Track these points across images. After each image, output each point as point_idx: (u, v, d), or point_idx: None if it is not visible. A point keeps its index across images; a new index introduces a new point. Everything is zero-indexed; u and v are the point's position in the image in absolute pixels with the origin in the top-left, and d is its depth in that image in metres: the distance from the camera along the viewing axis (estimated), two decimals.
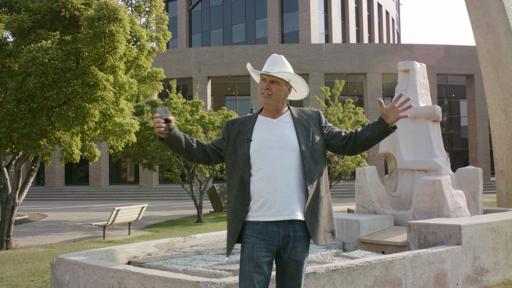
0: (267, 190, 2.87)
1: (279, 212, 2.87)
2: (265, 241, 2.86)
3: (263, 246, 2.86)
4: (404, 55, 33.45)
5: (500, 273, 5.67)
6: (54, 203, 29.32)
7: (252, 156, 2.93)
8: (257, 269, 2.84)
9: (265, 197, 2.88)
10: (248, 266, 2.85)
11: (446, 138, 38.22)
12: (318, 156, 2.96)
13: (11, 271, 7.44)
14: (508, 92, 9.63)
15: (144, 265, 5.18)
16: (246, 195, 2.91)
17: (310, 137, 2.97)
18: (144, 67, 12.05)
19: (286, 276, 2.96)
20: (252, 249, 2.86)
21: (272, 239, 2.87)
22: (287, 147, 2.93)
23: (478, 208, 6.86)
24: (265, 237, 2.86)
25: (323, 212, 2.96)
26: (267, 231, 2.87)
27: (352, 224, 6.29)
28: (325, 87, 19.94)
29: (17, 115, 9.70)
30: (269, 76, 2.97)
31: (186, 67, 34.93)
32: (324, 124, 3.06)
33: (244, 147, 2.96)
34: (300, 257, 2.94)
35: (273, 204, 2.87)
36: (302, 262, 2.96)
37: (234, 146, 3.00)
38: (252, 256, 2.85)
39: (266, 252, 2.87)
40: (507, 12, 9.63)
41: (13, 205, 11.35)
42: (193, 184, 17.77)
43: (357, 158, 18.72)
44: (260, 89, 3.00)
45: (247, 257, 2.87)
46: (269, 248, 2.87)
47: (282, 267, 2.96)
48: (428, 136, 7.22)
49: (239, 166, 2.95)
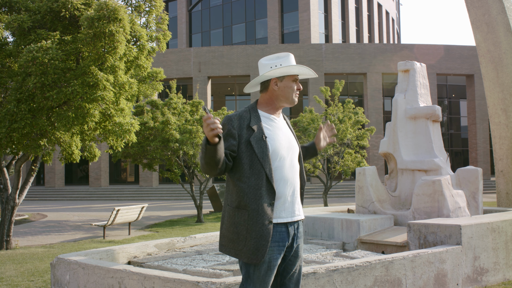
0: (286, 191, 2.88)
1: (293, 213, 2.91)
2: (276, 243, 2.82)
3: (274, 248, 2.82)
4: (404, 55, 33.45)
5: (500, 273, 5.67)
6: (54, 203, 29.32)
7: (277, 153, 2.87)
8: (269, 272, 2.81)
9: (284, 198, 2.87)
10: (263, 269, 2.79)
11: (446, 138, 38.22)
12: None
13: (11, 271, 7.44)
14: (508, 92, 9.63)
15: (144, 265, 5.18)
16: (272, 195, 2.81)
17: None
18: (144, 67, 12.04)
19: (287, 276, 2.93)
20: (269, 253, 2.82)
21: (282, 240, 2.85)
22: (293, 148, 2.98)
23: (478, 208, 6.86)
24: (277, 239, 2.82)
25: None
26: (277, 232, 2.84)
27: (352, 224, 6.29)
28: (325, 87, 19.92)
29: (17, 115, 9.70)
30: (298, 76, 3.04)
31: (186, 67, 34.93)
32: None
33: (262, 145, 2.82)
34: (301, 253, 3.00)
35: (290, 205, 2.90)
36: (301, 258, 3.02)
37: (249, 144, 2.82)
38: (267, 259, 2.80)
39: (278, 255, 2.84)
40: (507, 12, 9.63)
41: (13, 205, 11.35)
42: (193, 184, 17.77)
43: (357, 158, 18.71)
44: (295, 89, 3.00)
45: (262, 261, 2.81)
46: (280, 250, 2.85)
47: (284, 267, 2.93)
48: (428, 136, 7.22)
49: (260, 165, 2.79)
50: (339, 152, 19.31)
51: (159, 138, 16.52)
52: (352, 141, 19.30)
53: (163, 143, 16.57)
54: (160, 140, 16.48)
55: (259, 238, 2.74)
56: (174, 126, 16.73)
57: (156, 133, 16.80)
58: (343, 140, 18.68)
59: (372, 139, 31.17)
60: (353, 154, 18.80)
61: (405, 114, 7.37)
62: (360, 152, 19.76)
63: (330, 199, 26.44)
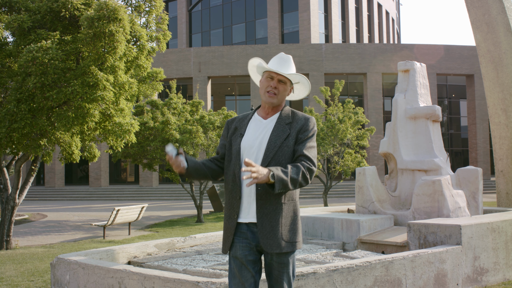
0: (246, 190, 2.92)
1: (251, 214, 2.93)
2: (246, 240, 2.89)
3: (246, 245, 2.89)
4: (404, 55, 33.44)
5: (500, 273, 5.66)
6: (54, 203, 29.31)
7: (242, 152, 2.93)
8: (242, 267, 2.87)
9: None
10: (234, 265, 2.88)
11: (446, 138, 38.21)
12: (283, 158, 2.87)
13: (11, 271, 7.44)
14: (508, 92, 9.63)
15: (144, 265, 5.18)
16: (237, 190, 2.90)
17: (282, 139, 2.89)
18: (144, 67, 12.04)
19: (272, 279, 2.95)
20: (235, 249, 2.90)
21: (252, 239, 2.89)
22: (262, 147, 2.91)
23: (478, 208, 6.86)
24: (245, 236, 2.90)
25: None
26: (247, 230, 2.91)
27: (352, 224, 6.29)
28: (325, 87, 19.92)
29: (17, 115, 9.70)
30: (278, 75, 2.94)
31: (186, 67, 34.93)
32: (302, 134, 2.91)
33: (237, 141, 2.96)
34: (284, 259, 2.89)
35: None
36: (287, 264, 2.91)
37: (230, 142, 3.01)
38: (236, 255, 2.89)
39: (249, 251, 2.89)
40: (507, 12, 9.63)
41: (13, 205, 11.35)
42: (193, 184, 17.77)
43: (357, 158, 18.72)
44: (266, 86, 2.94)
45: (231, 256, 2.92)
46: (251, 247, 2.89)
47: (268, 270, 2.96)
48: (428, 136, 7.22)
49: (232, 161, 2.95)
50: (339, 152, 19.32)
51: (159, 138, 16.53)
52: (352, 141, 19.30)
53: (163, 143, 16.57)
54: (160, 140, 16.48)
55: (225, 231, 2.97)
56: (174, 126, 16.73)
57: (156, 133, 16.80)
58: (343, 140, 18.69)
59: (372, 139, 31.16)
60: (353, 154, 18.81)
61: (405, 114, 7.37)
62: (360, 152, 19.76)
63: (330, 199, 26.45)
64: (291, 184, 2.72)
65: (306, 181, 2.80)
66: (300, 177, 2.76)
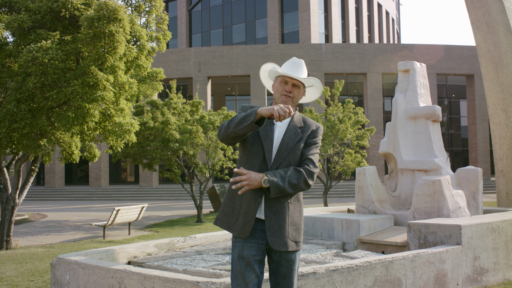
0: None
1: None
2: (254, 239, 2.89)
3: (253, 245, 2.89)
4: (404, 55, 33.45)
5: (500, 273, 5.67)
6: (54, 203, 29.32)
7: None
8: (248, 268, 2.86)
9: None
10: (239, 265, 2.88)
11: (446, 138, 38.21)
12: (293, 160, 2.96)
13: (11, 271, 7.44)
14: (508, 92, 9.63)
15: (144, 265, 5.18)
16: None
17: (295, 141, 2.98)
18: (144, 67, 12.04)
19: (279, 276, 2.96)
20: (242, 248, 2.89)
21: (260, 237, 2.91)
22: (274, 148, 2.98)
23: (478, 208, 6.86)
24: (254, 235, 2.90)
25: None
26: (256, 229, 2.92)
27: (352, 224, 6.29)
28: (325, 87, 19.92)
29: (17, 115, 9.70)
30: (292, 80, 3.03)
31: (186, 67, 34.92)
32: (311, 139, 3.03)
33: (268, 128, 2.98)
34: (292, 256, 2.95)
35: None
36: (294, 261, 2.97)
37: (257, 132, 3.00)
38: (242, 255, 2.88)
39: (256, 251, 2.89)
40: (507, 12, 9.63)
41: (13, 205, 11.35)
42: (193, 184, 17.77)
43: (357, 158, 18.71)
44: (282, 90, 3.03)
45: (237, 256, 2.90)
46: (259, 246, 2.90)
47: (275, 267, 2.97)
48: (428, 136, 7.22)
49: (260, 145, 2.94)
50: (339, 152, 19.31)
51: (159, 138, 16.52)
52: (352, 141, 19.30)
53: (163, 143, 16.57)
54: (160, 140, 16.48)
55: (245, 214, 2.91)
56: (174, 126, 16.73)
57: (156, 133, 16.80)
58: (343, 140, 18.68)
59: (372, 139, 31.16)
60: (353, 154, 18.80)
61: (405, 114, 7.37)
62: (360, 152, 19.76)
63: (330, 199, 26.45)
64: (290, 188, 2.85)
65: (307, 185, 2.92)
66: (301, 182, 2.89)
